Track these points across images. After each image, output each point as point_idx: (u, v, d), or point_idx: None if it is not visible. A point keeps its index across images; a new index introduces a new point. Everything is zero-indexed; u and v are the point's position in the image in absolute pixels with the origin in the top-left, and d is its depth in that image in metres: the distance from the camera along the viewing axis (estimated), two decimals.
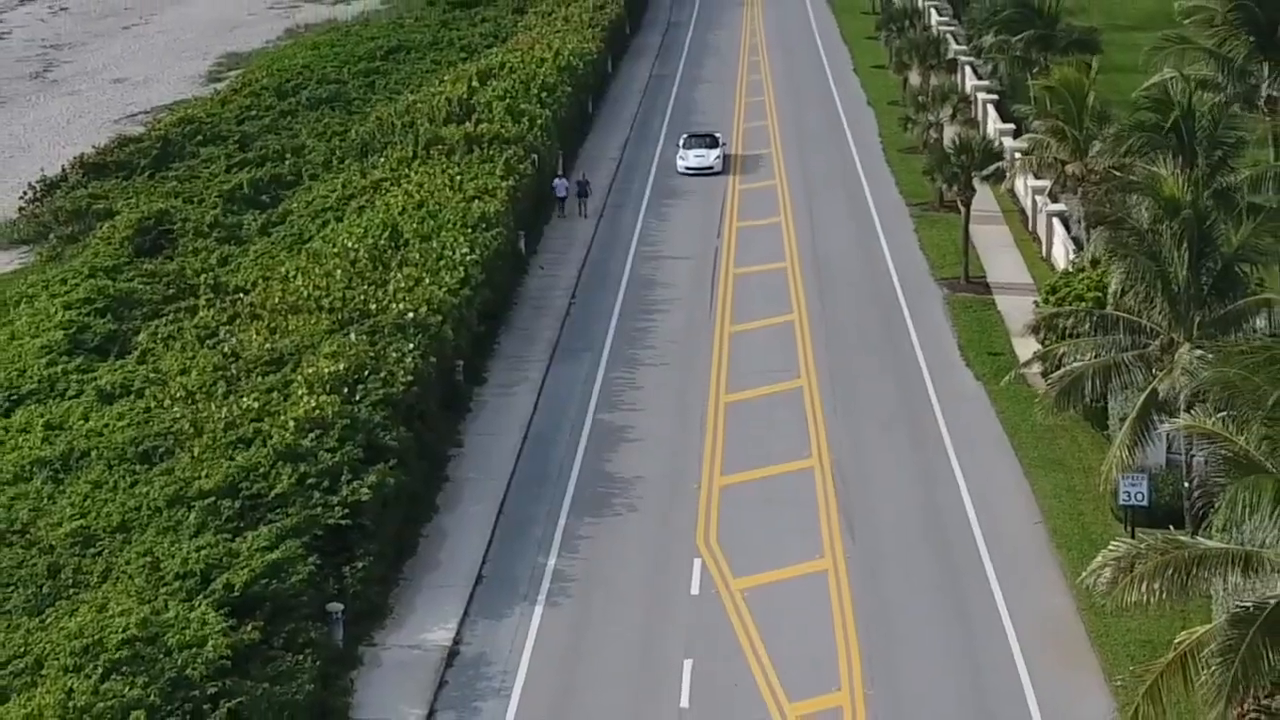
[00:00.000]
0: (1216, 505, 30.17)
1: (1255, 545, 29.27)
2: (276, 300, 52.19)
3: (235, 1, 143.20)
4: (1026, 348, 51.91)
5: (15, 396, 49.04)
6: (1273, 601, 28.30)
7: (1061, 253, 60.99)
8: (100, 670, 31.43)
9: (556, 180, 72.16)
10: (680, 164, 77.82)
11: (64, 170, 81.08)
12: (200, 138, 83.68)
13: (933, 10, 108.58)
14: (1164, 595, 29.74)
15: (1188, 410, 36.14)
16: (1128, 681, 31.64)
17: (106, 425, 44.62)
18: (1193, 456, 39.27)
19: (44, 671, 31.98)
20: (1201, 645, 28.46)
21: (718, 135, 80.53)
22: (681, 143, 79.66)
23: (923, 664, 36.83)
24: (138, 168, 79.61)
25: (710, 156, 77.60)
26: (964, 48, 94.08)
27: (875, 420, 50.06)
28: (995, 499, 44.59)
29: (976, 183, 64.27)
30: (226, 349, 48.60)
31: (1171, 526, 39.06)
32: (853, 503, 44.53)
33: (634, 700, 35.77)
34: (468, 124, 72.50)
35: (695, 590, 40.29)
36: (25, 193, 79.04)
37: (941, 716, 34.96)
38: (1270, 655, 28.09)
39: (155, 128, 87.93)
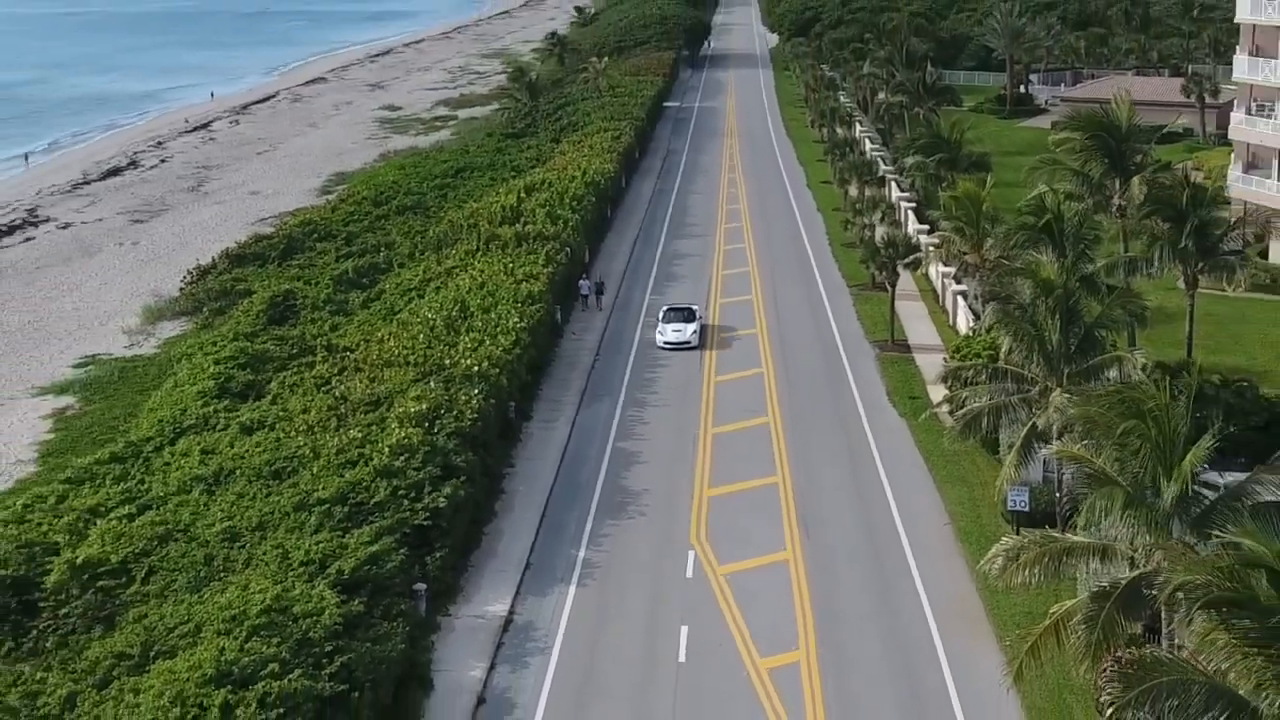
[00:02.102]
0: (1080, 510, 30.30)
1: (1109, 540, 29.45)
2: (374, 357, 52.17)
3: (341, 134, 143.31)
4: (938, 393, 51.81)
5: (178, 429, 49.00)
6: (1124, 581, 28.43)
7: (964, 321, 60.99)
8: (244, 633, 31.50)
9: (581, 280, 71.07)
10: (659, 339, 62.12)
11: (214, 260, 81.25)
12: (316, 235, 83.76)
13: (866, 140, 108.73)
14: (1041, 577, 29.95)
15: (1058, 439, 36.34)
16: (1014, 643, 31.78)
17: (247, 451, 44.55)
18: (1062, 474, 39.22)
19: (202, 634, 32.08)
20: (1070, 615, 28.52)
21: (695, 308, 64.77)
22: (661, 316, 63.82)
23: (860, 630, 36.73)
24: (269, 258, 79.89)
25: (687, 331, 62.03)
26: (890, 168, 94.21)
27: (824, 448, 49.90)
28: (914, 507, 44.50)
29: (900, 269, 64.23)
30: (337, 393, 48.64)
31: (1047, 526, 38.97)
32: (807, 509, 44.42)
33: (643, 656, 35.71)
34: (517, 225, 72.42)
35: (689, 574, 40.17)
36: (185, 277, 79.48)
37: (874, 669, 34.84)
38: (1123, 622, 28.20)
39: (282, 228, 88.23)
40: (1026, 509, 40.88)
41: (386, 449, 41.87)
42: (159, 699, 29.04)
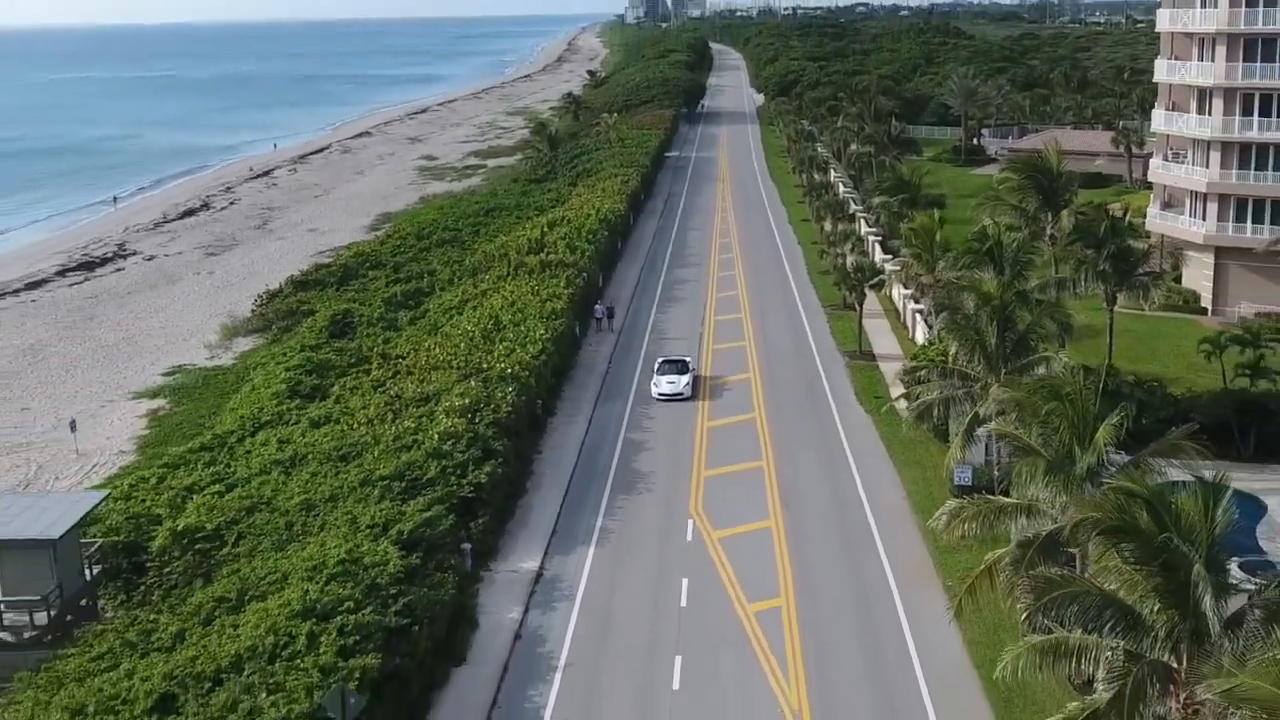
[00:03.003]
0: (1010, 477, 32.25)
1: (1032, 500, 31.12)
2: (422, 363, 53.44)
3: (386, 180, 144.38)
4: (897, 391, 52.79)
5: (257, 424, 50.48)
6: (1044, 533, 30.16)
7: (921, 334, 62.05)
8: (324, 579, 32.92)
9: (595, 306, 71.37)
10: (654, 390, 56.63)
11: (280, 286, 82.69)
12: (368, 264, 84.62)
13: (840, 183, 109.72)
14: (979, 530, 31.57)
15: (996, 420, 38.08)
16: (955, 585, 33.47)
17: (317, 440, 45.83)
18: (999, 450, 40.90)
19: (288, 581, 33.48)
20: (1000, 560, 30.28)
21: (688, 360, 59.10)
22: (656, 368, 58.39)
23: (831, 582, 37.99)
24: (329, 283, 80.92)
25: (680, 383, 56.49)
26: (860, 207, 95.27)
27: (801, 437, 51.02)
28: (877, 484, 45.67)
29: (867, 291, 65.63)
30: (392, 393, 49.80)
31: (984, 492, 40.34)
32: (787, 487, 45.55)
33: (651, 603, 37.02)
34: (541, 255, 73.38)
35: (689, 539, 41.41)
36: (256, 300, 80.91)
37: (841, 612, 36.11)
38: (1042, 564, 29.98)
39: (339, 258, 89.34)
40: (970, 484, 42.07)
41: (436, 435, 43.24)
42: (256, 630, 30.64)
